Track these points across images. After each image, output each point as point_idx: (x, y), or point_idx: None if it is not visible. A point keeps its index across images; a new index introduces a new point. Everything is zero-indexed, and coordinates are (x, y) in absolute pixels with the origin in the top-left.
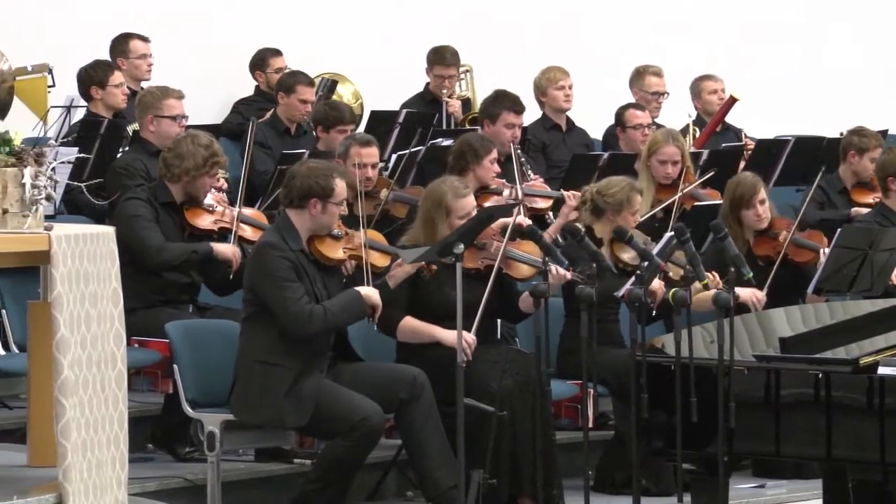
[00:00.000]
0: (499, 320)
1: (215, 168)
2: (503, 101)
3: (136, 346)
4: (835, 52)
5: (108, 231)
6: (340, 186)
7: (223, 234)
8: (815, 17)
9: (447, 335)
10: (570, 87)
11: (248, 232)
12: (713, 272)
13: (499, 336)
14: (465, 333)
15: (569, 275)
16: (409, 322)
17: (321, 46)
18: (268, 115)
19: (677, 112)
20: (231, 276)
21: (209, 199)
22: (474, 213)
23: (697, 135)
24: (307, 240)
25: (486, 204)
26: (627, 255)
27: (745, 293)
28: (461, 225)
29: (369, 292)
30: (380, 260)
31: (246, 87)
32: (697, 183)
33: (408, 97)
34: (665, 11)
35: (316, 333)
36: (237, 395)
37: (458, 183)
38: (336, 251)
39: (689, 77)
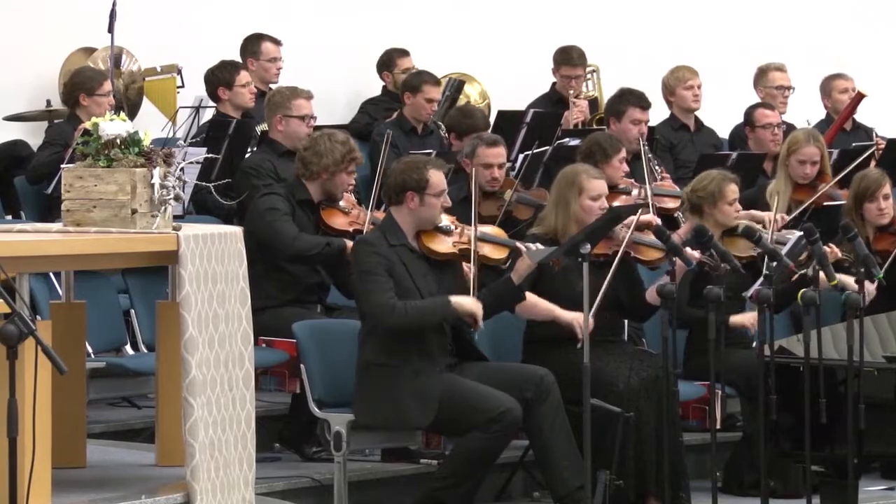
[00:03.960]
0: (625, 321)
1: (353, 165)
2: (628, 98)
3: (264, 345)
4: None
5: (236, 231)
6: (436, 177)
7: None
8: None
9: (565, 314)
10: (698, 87)
11: None
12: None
13: (626, 336)
14: (578, 318)
15: (697, 254)
16: (529, 297)
17: (449, 46)
18: (394, 115)
19: (806, 110)
20: None
21: (344, 202)
22: (604, 203)
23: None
24: (415, 235)
25: (615, 203)
26: (739, 251)
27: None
28: (588, 225)
29: (461, 300)
30: (494, 252)
31: (373, 87)
32: (834, 182)
33: (534, 97)
34: (792, 8)
35: (394, 328)
36: (357, 398)
37: (593, 168)
38: (443, 245)
39: (816, 75)
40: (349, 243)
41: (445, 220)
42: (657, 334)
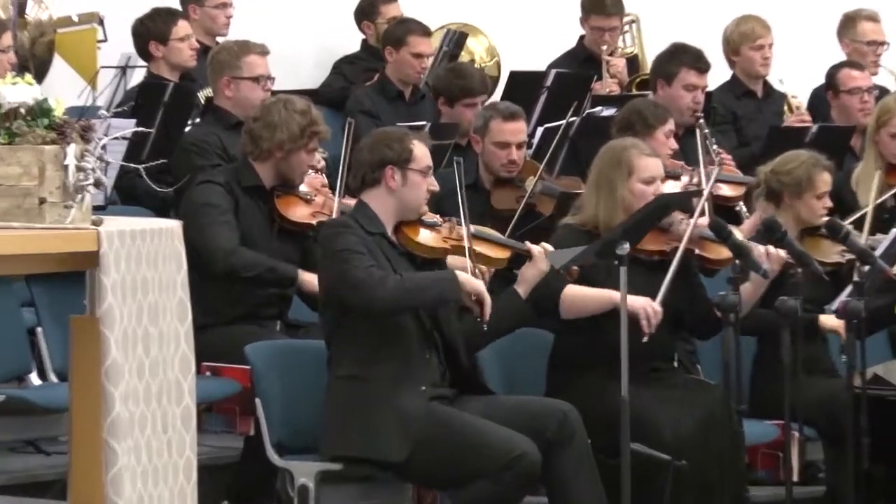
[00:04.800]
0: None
1: (314, 140)
2: (681, 57)
3: (209, 374)
4: None
5: (174, 226)
6: (420, 150)
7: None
8: None
9: (632, 299)
10: (769, 47)
11: None
12: None
13: (675, 362)
14: (649, 303)
15: (782, 253)
16: (573, 290)
17: None
18: (376, 77)
19: None
20: None
21: (304, 187)
22: (660, 187)
23: None
24: (395, 228)
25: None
26: (822, 256)
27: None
28: (627, 218)
29: (467, 277)
30: (493, 253)
31: (350, 42)
32: None
33: (557, 55)
34: None
35: (386, 302)
36: (324, 427)
37: (642, 143)
38: (434, 240)
39: None
40: (304, 276)
41: (430, 216)
42: (716, 359)
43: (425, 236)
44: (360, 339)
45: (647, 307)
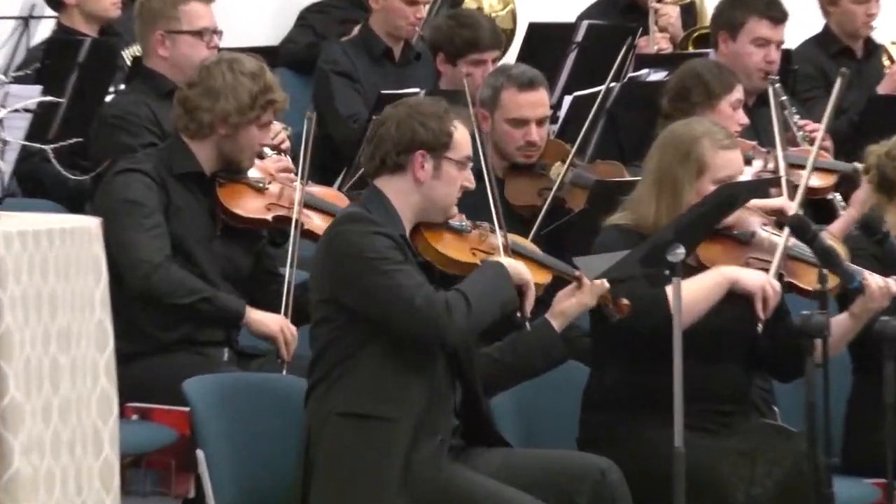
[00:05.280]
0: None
1: (268, 112)
2: (749, 3)
3: (135, 417)
4: None
5: (92, 226)
6: (462, 136)
7: (283, 230)
8: None
9: (747, 274)
10: (877, 1)
11: (320, 224)
12: None
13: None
14: (767, 279)
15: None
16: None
17: None
18: (356, 29)
19: None
20: (283, 363)
21: (256, 172)
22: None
23: None
24: (412, 230)
25: None
26: None
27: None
28: (684, 214)
29: (515, 263)
30: (533, 274)
31: None
32: None
33: (590, 2)
34: None
35: (461, 336)
36: (311, 483)
37: (719, 128)
38: (461, 251)
39: None
40: (252, 315)
41: (458, 217)
42: (798, 399)
43: (450, 245)
44: (373, 368)
45: (766, 285)
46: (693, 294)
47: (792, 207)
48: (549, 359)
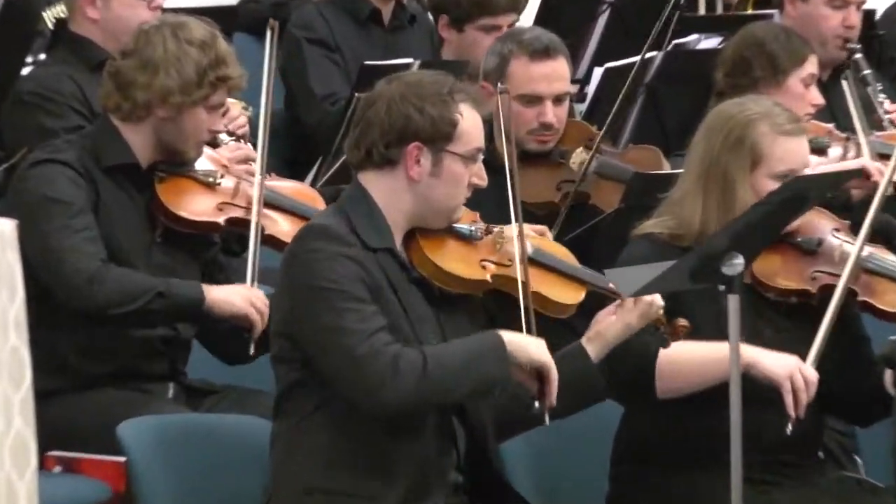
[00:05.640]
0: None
1: (220, 91)
2: None
3: (59, 469)
4: None
5: (5, 229)
6: (471, 121)
7: (240, 235)
8: None
9: (769, 358)
10: None
11: (286, 228)
12: None
13: (819, 452)
14: (798, 365)
15: None
16: (678, 352)
17: None
18: None
19: None
20: (252, 343)
21: (207, 163)
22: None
23: None
24: (406, 236)
25: None
26: None
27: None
28: (741, 216)
29: (528, 342)
30: (560, 291)
31: None
32: None
33: None
34: None
35: (403, 406)
36: None
37: (781, 110)
38: (466, 264)
39: None
40: (213, 293)
41: (464, 219)
42: (883, 448)
43: (452, 256)
44: (346, 426)
45: (796, 373)
46: (694, 366)
47: (876, 169)
48: (583, 394)
